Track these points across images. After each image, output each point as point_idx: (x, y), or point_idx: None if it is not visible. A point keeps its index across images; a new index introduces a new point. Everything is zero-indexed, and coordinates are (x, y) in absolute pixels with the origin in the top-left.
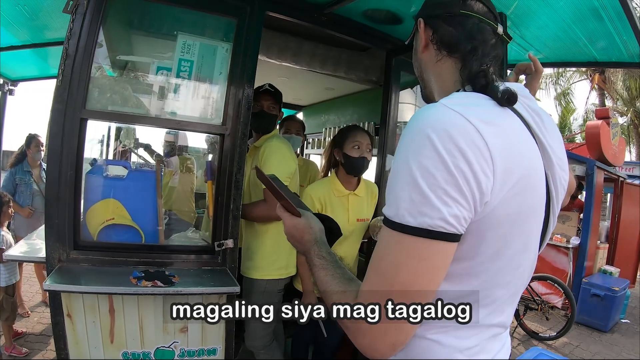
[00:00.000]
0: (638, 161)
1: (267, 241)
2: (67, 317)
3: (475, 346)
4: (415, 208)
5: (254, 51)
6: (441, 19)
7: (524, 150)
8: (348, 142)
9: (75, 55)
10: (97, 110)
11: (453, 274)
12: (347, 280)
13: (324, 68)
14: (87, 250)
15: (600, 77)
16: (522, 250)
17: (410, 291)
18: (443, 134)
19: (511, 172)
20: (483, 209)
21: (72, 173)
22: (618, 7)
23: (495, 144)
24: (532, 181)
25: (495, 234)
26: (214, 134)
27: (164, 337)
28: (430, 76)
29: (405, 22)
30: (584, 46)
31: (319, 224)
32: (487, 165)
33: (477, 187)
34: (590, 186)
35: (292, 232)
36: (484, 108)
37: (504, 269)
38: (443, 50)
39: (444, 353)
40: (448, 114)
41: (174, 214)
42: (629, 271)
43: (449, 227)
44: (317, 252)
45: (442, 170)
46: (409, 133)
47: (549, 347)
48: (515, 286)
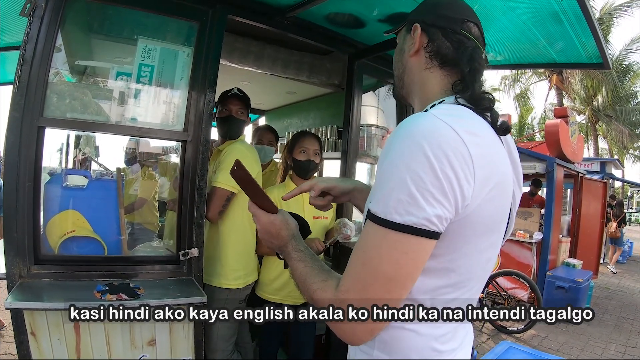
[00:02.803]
0: (596, 157)
1: (226, 249)
2: (31, 336)
3: (448, 333)
4: (402, 207)
5: (216, 55)
6: (440, 30)
7: (499, 159)
8: (296, 148)
9: (32, 60)
10: (55, 117)
11: (433, 269)
12: (325, 271)
13: (286, 72)
14: (49, 265)
15: (558, 78)
16: (492, 246)
17: (391, 281)
18: (434, 143)
19: (489, 178)
20: (464, 210)
21: (30, 184)
22: (578, 10)
23: (476, 153)
24: (505, 186)
25: (472, 233)
26: (175, 140)
27: (132, 351)
28: (413, 80)
29: (367, 25)
30: (543, 48)
31: (293, 220)
32: (469, 172)
33: (459, 191)
34: (550, 182)
35: (268, 228)
36: (469, 120)
37: (476, 262)
38: (435, 60)
39: (420, 341)
40: (438, 124)
41: (137, 224)
42: (592, 263)
43: (431, 226)
44: (295, 245)
45: (430, 174)
46: (401, 139)
47: (517, 340)
48: (483, 278)
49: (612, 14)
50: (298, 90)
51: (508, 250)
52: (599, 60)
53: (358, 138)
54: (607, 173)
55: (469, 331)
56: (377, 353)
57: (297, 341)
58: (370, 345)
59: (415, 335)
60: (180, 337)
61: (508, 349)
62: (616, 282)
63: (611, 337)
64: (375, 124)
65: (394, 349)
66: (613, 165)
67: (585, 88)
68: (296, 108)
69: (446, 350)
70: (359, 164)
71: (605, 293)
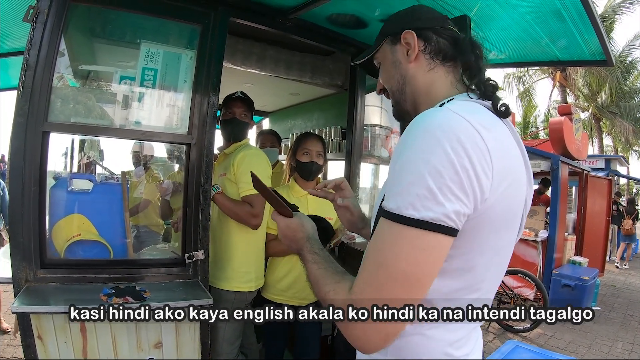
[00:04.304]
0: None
1: (238, 252)
2: (37, 339)
3: (462, 338)
4: (420, 202)
5: (219, 58)
6: (432, 31)
7: (513, 155)
8: (299, 150)
9: (36, 66)
10: (60, 122)
11: (449, 270)
12: (339, 273)
13: (289, 73)
14: (55, 269)
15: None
16: (508, 244)
17: (407, 280)
18: (452, 137)
19: (506, 173)
20: (482, 205)
21: (35, 189)
22: (580, 7)
23: (493, 147)
24: (520, 183)
25: (489, 230)
26: (179, 143)
27: (138, 354)
28: (417, 86)
29: (370, 26)
30: (546, 46)
31: (310, 222)
32: (487, 166)
33: (478, 186)
34: (555, 180)
35: (285, 231)
36: (483, 115)
37: (492, 261)
38: (436, 59)
39: (435, 347)
40: (455, 118)
41: (143, 226)
42: (597, 260)
43: (449, 222)
44: (309, 248)
45: (449, 169)
46: (417, 134)
47: (524, 338)
48: (498, 278)
49: (614, 10)
50: (301, 92)
51: (514, 248)
52: (602, 57)
53: (362, 139)
54: (612, 170)
55: (479, 335)
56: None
57: (302, 342)
58: (382, 352)
59: (430, 340)
60: (186, 339)
61: (514, 348)
62: (622, 280)
63: (618, 335)
64: (379, 124)
65: (407, 355)
66: (618, 162)
67: (589, 85)
68: (300, 109)
69: (460, 356)
70: (363, 165)
71: (612, 291)
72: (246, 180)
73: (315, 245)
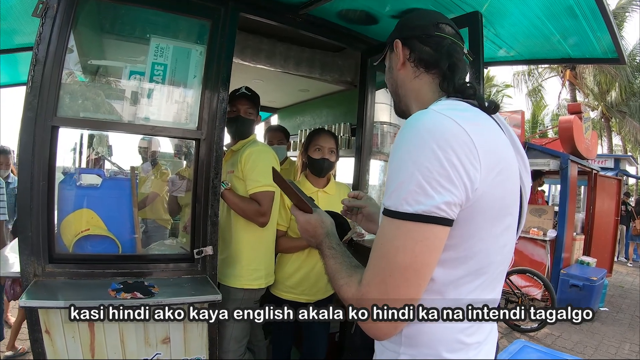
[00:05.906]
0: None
1: (247, 250)
2: (45, 334)
3: (472, 325)
4: (412, 198)
5: (229, 53)
6: (417, 39)
7: (502, 145)
8: (311, 146)
9: (45, 61)
10: (68, 117)
11: (451, 259)
12: (353, 267)
13: (298, 70)
14: (63, 263)
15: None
16: (507, 229)
17: (407, 270)
18: (437, 135)
19: (494, 163)
20: (474, 194)
21: (44, 183)
22: (593, 4)
23: (479, 140)
24: (511, 171)
25: (484, 217)
26: (189, 139)
27: (146, 349)
28: (407, 91)
29: (380, 22)
30: (557, 43)
31: (329, 218)
32: (474, 158)
33: (467, 177)
34: (564, 179)
35: (305, 227)
36: (468, 112)
37: (492, 247)
38: (421, 67)
39: (447, 333)
40: (439, 118)
41: (151, 221)
42: (606, 261)
43: (440, 213)
44: (328, 243)
45: (436, 164)
46: (406, 135)
47: (531, 338)
48: (502, 263)
49: (625, 8)
50: (310, 88)
51: (522, 248)
52: (614, 55)
53: (372, 135)
54: (621, 170)
55: (494, 327)
56: (403, 350)
57: (310, 339)
58: (396, 342)
59: (441, 326)
60: (194, 335)
61: (522, 347)
62: (630, 281)
63: (625, 336)
64: (389, 122)
65: (420, 343)
66: (627, 162)
67: (599, 84)
68: (308, 106)
69: (472, 344)
70: (373, 162)
71: (620, 291)
72: (254, 177)
73: (333, 241)
